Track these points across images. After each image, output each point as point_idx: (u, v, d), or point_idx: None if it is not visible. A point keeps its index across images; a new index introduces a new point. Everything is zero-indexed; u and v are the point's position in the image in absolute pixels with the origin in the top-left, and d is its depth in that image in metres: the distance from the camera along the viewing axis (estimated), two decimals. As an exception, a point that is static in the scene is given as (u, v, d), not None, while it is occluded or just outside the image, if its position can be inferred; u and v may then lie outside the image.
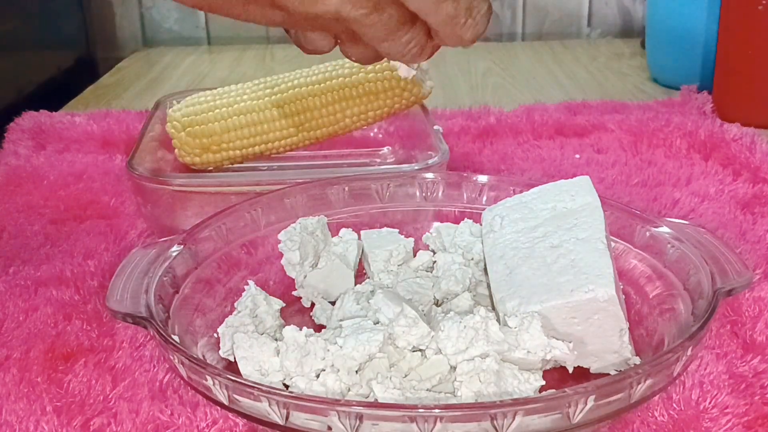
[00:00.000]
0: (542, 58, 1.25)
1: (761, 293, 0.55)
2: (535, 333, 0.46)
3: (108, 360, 0.51)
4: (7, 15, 1.05)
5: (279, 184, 0.61)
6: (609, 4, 1.38)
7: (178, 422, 0.45)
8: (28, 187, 0.77)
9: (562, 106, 0.96)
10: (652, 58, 1.11)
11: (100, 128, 0.89)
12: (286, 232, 0.57)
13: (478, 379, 0.43)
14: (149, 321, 0.45)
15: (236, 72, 1.19)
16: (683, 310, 0.49)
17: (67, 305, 0.57)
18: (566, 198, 0.53)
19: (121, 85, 1.17)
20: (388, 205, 0.62)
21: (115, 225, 0.69)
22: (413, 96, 0.73)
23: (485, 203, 0.60)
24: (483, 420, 0.38)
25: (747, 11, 0.87)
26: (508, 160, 0.81)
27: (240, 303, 0.52)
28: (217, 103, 0.72)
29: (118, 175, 0.78)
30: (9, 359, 0.51)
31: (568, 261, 0.48)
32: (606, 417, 0.40)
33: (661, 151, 0.83)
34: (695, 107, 0.93)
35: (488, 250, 0.52)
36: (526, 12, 1.38)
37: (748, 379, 0.48)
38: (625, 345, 0.47)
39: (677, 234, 0.53)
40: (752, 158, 0.78)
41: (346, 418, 0.38)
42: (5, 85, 1.03)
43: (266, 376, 0.46)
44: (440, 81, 1.10)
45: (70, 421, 0.46)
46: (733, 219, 0.68)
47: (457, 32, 0.43)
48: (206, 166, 0.73)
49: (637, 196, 0.72)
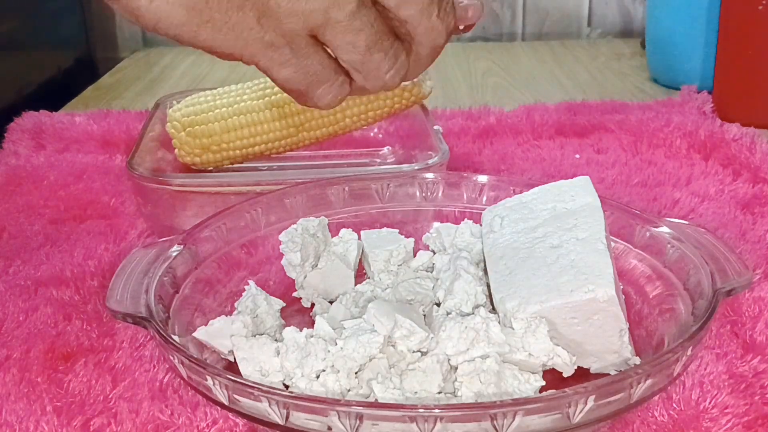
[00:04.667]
0: (542, 58, 1.25)
1: (761, 293, 0.55)
2: (541, 337, 0.46)
3: (108, 360, 0.51)
4: (7, 15, 1.05)
5: (279, 184, 0.61)
6: (609, 4, 1.38)
7: (178, 422, 0.45)
8: (28, 187, 0.77)
9: (562, 106, 0.95)
10: (652, 58, 1.11)
11: (100, 128, 0.89)
12: (287, 233, 0.57)
13: (479, 380, 0.43)
14: (149, 321, 0.45)
15: (236, 72, 1.19)
16: (683, 310, 0.49)
17: (67, 305, 0.57)
18: (566, 198, 0.53)
19: (121, 85, 1.17)
20: (388, 205, 0.62)
21: (115, 225, 0.69)
22: (413, 96, 0.73)
23: (485, 203, 0.60)
24: (483, 420, 0.38)
25: (747, 11, 0.87)
26: (508, 160, 0.81)
27: (240, 303, 0.51)
28: (217, 103, 0.72)
29: (118, 175, 0.78)
30: (9, 359, 0.51)
31: (568, 261, 0.48)
32: (606, 417, 0.40)
33: (661, 151, 0.83)
34: (695, 107, 0.93)
35: (488, 251, 0.52)
36: (526, 12, 1.38)
37: (748, 379, 0.48)
38: (625, 345, 0.47)
39: (677, 234, 0.53)
40: (752, 158, 0.78)
41: (346, 418, 0.38)
42: (5, 85, 1.03)
43: (266, 377, 0.46)
44: (440, 81, 1.10)
45: (70, 421, 0.46)
46: (733, 219, 0.68)
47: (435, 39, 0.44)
48: (206, 166, 0.73)
49: (637, 196, 0.72)
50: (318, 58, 0.43)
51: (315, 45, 0.42)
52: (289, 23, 0.41)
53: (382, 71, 0.43)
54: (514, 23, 1.39)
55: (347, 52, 0.42)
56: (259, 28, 0.41)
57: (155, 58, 1.30)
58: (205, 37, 0.41)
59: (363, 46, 0.42)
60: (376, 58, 0.43)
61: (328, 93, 0.44)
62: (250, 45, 0.41)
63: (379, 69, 0.43)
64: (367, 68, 0.43)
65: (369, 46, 0.42)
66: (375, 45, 0.42)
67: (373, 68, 0.43)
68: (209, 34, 0.41)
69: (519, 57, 1.26)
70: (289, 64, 0.42)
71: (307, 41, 0.42)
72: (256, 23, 0.41)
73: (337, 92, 0.44)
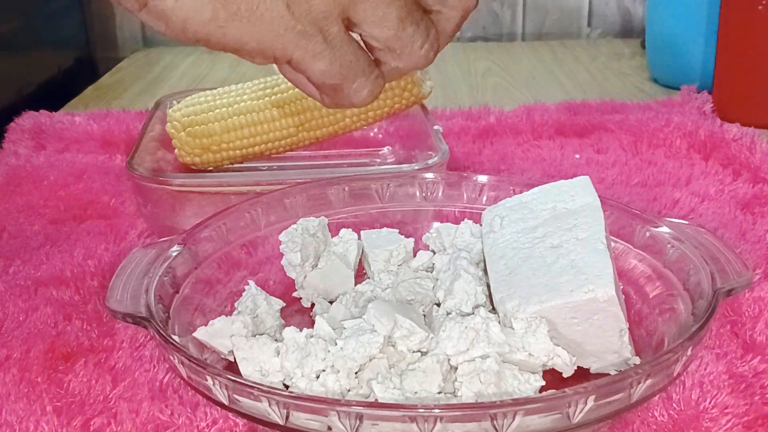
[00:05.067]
0: (542, 58, 1.25)
1: (761, 293, 0.55)
2: (541, 337, 0.46)
3: (108, 360, 0.51)
4: (7, 15, 1.05)
5: (279, 184, 0.61)
6: (609, 4, 1.38)
7: (178, 422, 0.45)
8: (28, 187, 0.77)
9: (562, 106, 0.96)
10: (652, 58, 1.11)
11: (100, 128, 0.89)
12: (287, 233, 0.57)
13: (479, 380, 0.43)
14: (149, 321, 0.45)
15: (236, 72, 1.19)
16: (683, 310, 0.49)
17: (67, 305, 0.57)
18: (566, 198, 0.53)
19: (121, 85, 1.17)
20: (388, 205, 0.62)
21: (115, 225, 0.69)
22: (413, 96, 0.73)
23: (485, 203, 0.60)
24: (483, 420, 0.38)
25: (747, 11, 0.87)
26: (508, 160, 0.81)
27: (240, 303, 0.51)
28: (217, 103, 0.72)
29: (118, 175, 0.78)
30: (9, 359, 0.51)
31: (568, 261, 0.48)
32: (606, 417, 0.40)
33: (661, 151, 0.83)
34: (695, 107, 0.93)
35: (488, 251, 0.52)
36: (526, 12, 1.38)
37: (748, 379, 0.48)
38: (625, 345, 0.47)
39: (677, 234, 0.53)
40: (752, 158, 0.78)
41: (346, 418, 0.38)
42: (5, 85, 1.03)
43: (266, 377, 0.46)
44: (440, 81, 1.10)
45: (70, 421, 0.46)
46: (733, 219, 0.68)
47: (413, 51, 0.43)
48: (206, 166, 0.73)
49: (637, 196, 0.72)
50: (352, 48, 0.42)
51: (347, 35, 0.41)
52: (319, 5, 0.40)
53: (417, 45, 0.42)
54: (514, 23, 1.39)
55: (380, 27, 0.41)
56: (290, 16, 0.40)
57: (155, 58, 1.30)
58: (234, 33, 0.40)
59: (395, 18, 0.41)
60: (410, 32, 0.42)
61: (364, 87, 0.43)
62: (282, 36, 0.40)
63: (413, 43, 0.42)
64: (402, 44, 0.42)
65: (402, 17, 0.41)
66: (407, 17, 0.41)
67: (407, 43, 0.42)
68: (238, 28, 0.40)
69: (519, 57, 1.26)
70: (324, 55, 0.41)
71: (339, 28, 0.41)
72: (286, 11, 0.39)
73: (373, 86, 0.43)
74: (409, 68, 0.43)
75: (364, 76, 0.42)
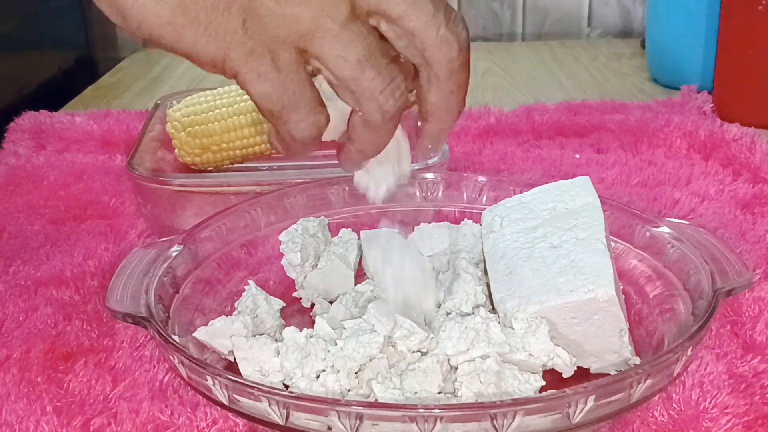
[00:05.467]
0: (542, 58, 1.25)
1: (761, 293, 0.55)
2: (541, 337, 0.46)
3: (108, 360, 0.51)
4: (7, 15, 1.05)
5: (279, 184, 0.61)
6: (609, 4, 1.38)
7: (178, 422, 0.45)
8: (28, 187, 0.77)
9: (562, 106, 0.95)
10: (652, 58, 1.11)
11: (100, 128, 0.89)
12: (287, 233, 0.57)
13: (479, 380, 0.43)
14: (149, 321, 0.45)
15: (236, 72, 1.19)
16: (683, 310, 0.49)
17: (67, 305, 0.57)
18: (566, 198, 0.53)
19: (121, 85, 1.17)
20: (388, 205, 0.62)
21: (115, 225, 0.69)
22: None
23: (485, 203, 0.60)
24: (483, 420, 0.38)
25: (747, 11, 0.87)
26: (508, 160, 0.81)
27: (240, 303, 0.51)
28: (217, 103, 0.72)
29: (118, 175, 0.78)
30: (9, 359, 0.51)
31: (568, 261, 0.48)
32: (606, 417, 0.40)
33: (661, 151, 0.83)
34: (695, 107, 0.93)
35: (488, 251, 0.52)
36: (526, 12, 1.38)
37: (748, 379, 0.48)
38: (625, 345, 0.47)
39: (677, 234, 0.53)
40: (752, 158, 0.78)
41: (346, 418, 0.38)
42: (5, 85, 1.03)
43: (266, 377, 0.46)
44: (440, 81, 1.09)
45: (70, 421, 0.46)
46: (733, 219, 0.68)
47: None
48: (206, 166, 0.73)
49: (637, 196, 0.72)
50: (299, 79, 0.40)
51: (299, 65, 0.40)
52: (276, 29, 0.39)
53: (376, 90, 0.40)
54: (514, 23, 1.39)
55: (337, 66, 0.40)
56: (243, 32, 0.39)
57: (155, 58, 1.30)
58: (188, 39, 0.40)
59: (354, 59, 0.40)
60: (368, 75, 0.40)
61: (305, 119, 0.41)
62: (231, 50, 0.39)
63: (372, 88, 0.40)
64: (360, 87, 0.40)
65: (360, 60, 0.40)
66: (367, 60, 0.40)
67: (365, 87, 0.40)
68: (193, 35, 0.40)
69: (519, 57, 1.26)
70: (268, 77, 0.40)
71: (291, 56, 0.40)
72: (241, 26, 0.39)
73: (314, 121, 0.41)
74: (372, 115, 0.41)
75: (306, 110, 0.41)
